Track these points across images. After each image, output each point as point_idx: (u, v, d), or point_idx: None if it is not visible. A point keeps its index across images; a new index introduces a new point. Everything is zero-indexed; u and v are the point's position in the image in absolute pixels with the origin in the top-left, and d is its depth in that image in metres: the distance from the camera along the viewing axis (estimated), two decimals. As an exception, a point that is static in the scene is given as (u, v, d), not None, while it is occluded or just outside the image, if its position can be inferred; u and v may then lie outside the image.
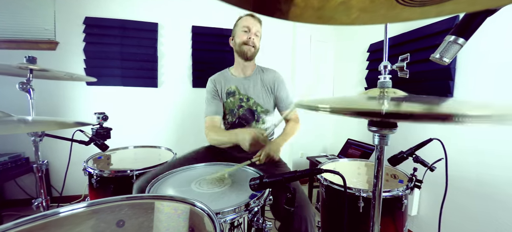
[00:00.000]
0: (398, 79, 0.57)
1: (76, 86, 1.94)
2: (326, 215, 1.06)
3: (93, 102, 1.99)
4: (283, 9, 0.32)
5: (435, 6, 0.30)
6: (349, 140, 2.10)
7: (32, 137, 0.87)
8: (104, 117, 1.17)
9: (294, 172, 0.60)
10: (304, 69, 2.41)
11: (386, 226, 0.92)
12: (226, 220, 0.59)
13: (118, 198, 0.54)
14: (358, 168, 1.18)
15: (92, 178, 1.04)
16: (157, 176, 0.81)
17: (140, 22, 2.00)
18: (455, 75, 1.34)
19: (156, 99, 2.12)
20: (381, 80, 0.53)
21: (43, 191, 0.92)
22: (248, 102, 1.24)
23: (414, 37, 1.53)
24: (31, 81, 0.91)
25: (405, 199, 0.91)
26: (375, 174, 0.52)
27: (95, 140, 1.01)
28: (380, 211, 0.54)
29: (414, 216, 1.57)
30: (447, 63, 0.50)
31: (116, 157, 1.28)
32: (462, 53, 1.28)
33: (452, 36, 0.48)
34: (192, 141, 2.17)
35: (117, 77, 2.00)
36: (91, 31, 1.91)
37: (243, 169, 0.91)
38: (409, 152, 0.88)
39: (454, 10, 0.31)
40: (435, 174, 0.89)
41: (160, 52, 2.09)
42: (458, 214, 1.31)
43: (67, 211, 0.48)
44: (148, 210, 0.54)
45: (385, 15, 0.33)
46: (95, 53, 1.94)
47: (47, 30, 1.86)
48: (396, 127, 0.46)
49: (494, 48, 1.17)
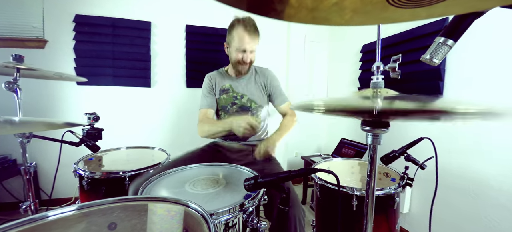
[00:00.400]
0: (390, 79, 0.58)
1: (66, 86, 1.89)
2: (320, 214, 1.07)
3: (84, 102, 1.94)
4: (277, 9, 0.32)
5: (425, 8, 0.31)
6: (343, 139, 2.13)
7: (19, 138, 0.84)
8: (95, 117, 1.14)
9: (288, 172, 0.60)
10: (298, 68, 2.43)
11: (379, 223, 0.93)
12: (220, 221, 0.58)
13: (109, 200, 0.53)
14: (352, 167, 1.19)
15: (82, 180, 1.01)
16: (152, 178, 0.80)
17: (133, 20, 1.97)
18: (444, 75, 1.37)
19: (149, 99, 2.09)
20: (374, 81, 0.54)
21: (31, 194, 0.89)
22: (241, 100, 1.25)
23: (406, 38, 1.56)
24: (18, 80, 0.88)
25: (397, 197, 0.93)
26: (368, 172, 0.53)
27: (86, 141, 0.98)
28: (373, 209, 0.55)
29: (406, 214, 1.60)
30: (437, 64, 0.51)
31: (108, 159, 1.25)
32: (451, 54, 1.32)
33: (442, 37, 0.49)
34: (186, 142, 2.14)
35: (109, 77, 1.96)
36: (81, 29, 1.86)
37: (237, 170, 0.91)
38: (401, 151, 0.90)
39: (444, 12, 0.32)
40: (426, 172, 0.91)
41: (153, 51, 2.06)
42: (448, 211, 1.35)
43: (56, 215, 0.47)
44: (141, 212, 0.53)
45: (377, 16, 0.34)
46: (86, 52, 1.89)
47: (35, 28, 1.80)
48: (389, 127, 0.47)
49: (481, 49, 1.21)
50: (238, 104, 1.25)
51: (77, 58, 1.88)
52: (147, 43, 2.02)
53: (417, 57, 1.44)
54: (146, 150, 1.40)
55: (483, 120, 0.30)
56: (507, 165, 1.11)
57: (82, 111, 1.23)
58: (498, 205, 1.14)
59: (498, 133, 1.14)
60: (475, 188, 1.23)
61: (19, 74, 0.88)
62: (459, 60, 1.30)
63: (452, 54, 1.31)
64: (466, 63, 1.27)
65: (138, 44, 2.00)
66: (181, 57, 2.14)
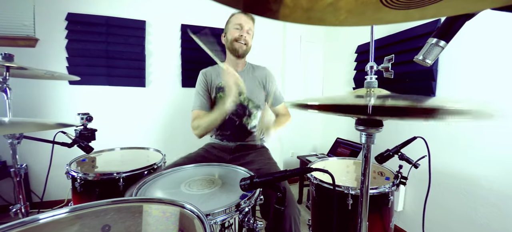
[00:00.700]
0: (384, 79, 0.58)
1: (58, 86, 1.85)
2: (316, 213, 1.08)
3: (77, 103, 1.90)
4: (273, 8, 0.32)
5: (418, 9, 0.32)
6: (338, 139, 2.15)
7: (9, 139, 0.82)
8: (88, 117, 1.12)
9: (284, 171, 0.60)
10: (294, 68, 2.44)
11: (373, 222, 0.94)
12: (216, 221, 0.58)
13: (103, 202, 0.52)
14: (347, 166, 1.21)
15: (75, 181, 0.99)
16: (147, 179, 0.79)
17: (127, 19, 1.94)
18: (437, 76, 1.40)
19: (144, 99, 2.06)
20: (367, 80, 0.54)
21: (21, 197, 0.87)
22: (239, 98, 1.24)
23: (399, 39, 1.58)
24: (8, 80, 0.86)
25: (391, 195, 0.95)
26: (363, 171, 0.54)
27: (79, 142, 0.97)
28: (367, 207, 0.55)
29: (400, 212, 1.63)
30: (429, 65, 0.52)
31: (101, 160, 1.23)
32: (444, 55, 1.35)
33: (434, 38, 0.50)
34: (182, 142, 2.13)
35: (103, 76, 1.93)
36: (74, 28, 1.83)
37: (233, 170, 0.91)
38: (395, 150, 0.91)
39: (436, 14, 0.33)
40: (419, 171, 0.92)
41: (148, 51, 2.04)
42: (441, 209, 1.37)
43: (48, 217, 0.46)
44: (136, 214, 0.53)
45: (372, 17, 0.34)
46: (79, 51, 1.86)
47: (25, 26, 1.76)
48: (382, 126, 0.48)
49: (473, 50, 1.24)
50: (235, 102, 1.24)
51: (69, 57, 1.84)
52: (142, 42, 2.00)
53: (411, 57, 1.47)
54: (141, 150, 1.38)
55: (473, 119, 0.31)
56: (497, 165, 1.14)
57: (74, 112, 1.21)
58: (488, 203, 1.17)
59: (489, 134, 1.17)
60: (466, 187, 1.26)
61: (8, 73, 0.86)
62: (451, 60, 1.33)
63: (445, 55, 1.34)
64: (458, 63, 1.30)
65: (132, 43, 1.97)
66: (177, 57, 2.12)
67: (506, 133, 1.11)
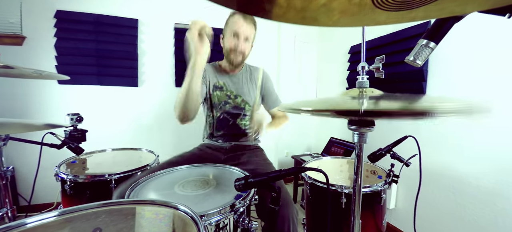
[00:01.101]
0: (375, 79, 0.59)
1: (47, 85, 1.80)
2: (310, 212, 1.09)
3: (66, 103, 1.85)
4: (266, 8, 0.32)
5: (409, 11, 0.32)
6: (332, 138, 2.17)
7: (-6, 141, 0.79)
8: (78, 118, 1.09)
9: (278, 171, 0.60)
10: (288, 68, 2.45)
11: (366, 219, 0.96)
12: (211, 222, 0.58)
13: (94, 205, 0.50)
14: (341, 166, 1.22)
15: (65, 184, 0.96)
16: (140, 180, 0.77)
17: (119, 17, 1.90)
18: (427, 76, 1.43)
19: (136, 99, 2.03)
20: (359, 80, 0.55)
21: (8, 201, 0.84)
22: (235, 100, 1.23)
23: (390, 40, 1.62)
24: (-7, 79, 0.82)
25: (383, 193, 0.96)
26: (355, 170, 0.55)
27: (69, 143, 0.94)
28: (360, 206, 0.56)
29: (392, 209, 1.66)
30: (419, 65, 0.53)
31: (92, 161, 1.20)
32: (433, 56, 1.38)
33: (424, 40, 0.51)
34: (175, 143, 2.11)
35: (93, 76, 1.88)
36: (63, 25, 1.78)
37: (228, 170, 0.90)
38: (387, 149, 0.93)
39: (426, 16, 0.33)
40: (410, 169, 0.94)
41: (140, 50, 2.00)
42: (431, 206, 1.41)
43: (36, 221, 0.45)
44: (128, 216, 0.52)
45: (364, 18, 0.35)
46: (68, 49, 1.81)
47: (12, 24, 1.70)
48: (374, 126, 0.49)
49: (461, 51, 1.27)
50: (231, 104, 1.23)
51: (58, 56, 1.79)
52: (134, 41, 1.97)
53: (402, 58, 1.50)
54: (134, 151, 1.36)
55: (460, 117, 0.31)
56: (484, 163, 1.18)
57: (64, 112, 1.17)
58: (476, 201, 1.20)
59: (477, 133, 1.21)
60: (455, 184, 1.30)
61: (-7, 72, 0.82)
62: (441, 61, 1.37)
63: (434, 55, 1.38)
64: (448, 64, 1.34)
65: (124, 42, 1.94)
66: (170, 56, 2.09)
67: (493, 132, 1.14)
